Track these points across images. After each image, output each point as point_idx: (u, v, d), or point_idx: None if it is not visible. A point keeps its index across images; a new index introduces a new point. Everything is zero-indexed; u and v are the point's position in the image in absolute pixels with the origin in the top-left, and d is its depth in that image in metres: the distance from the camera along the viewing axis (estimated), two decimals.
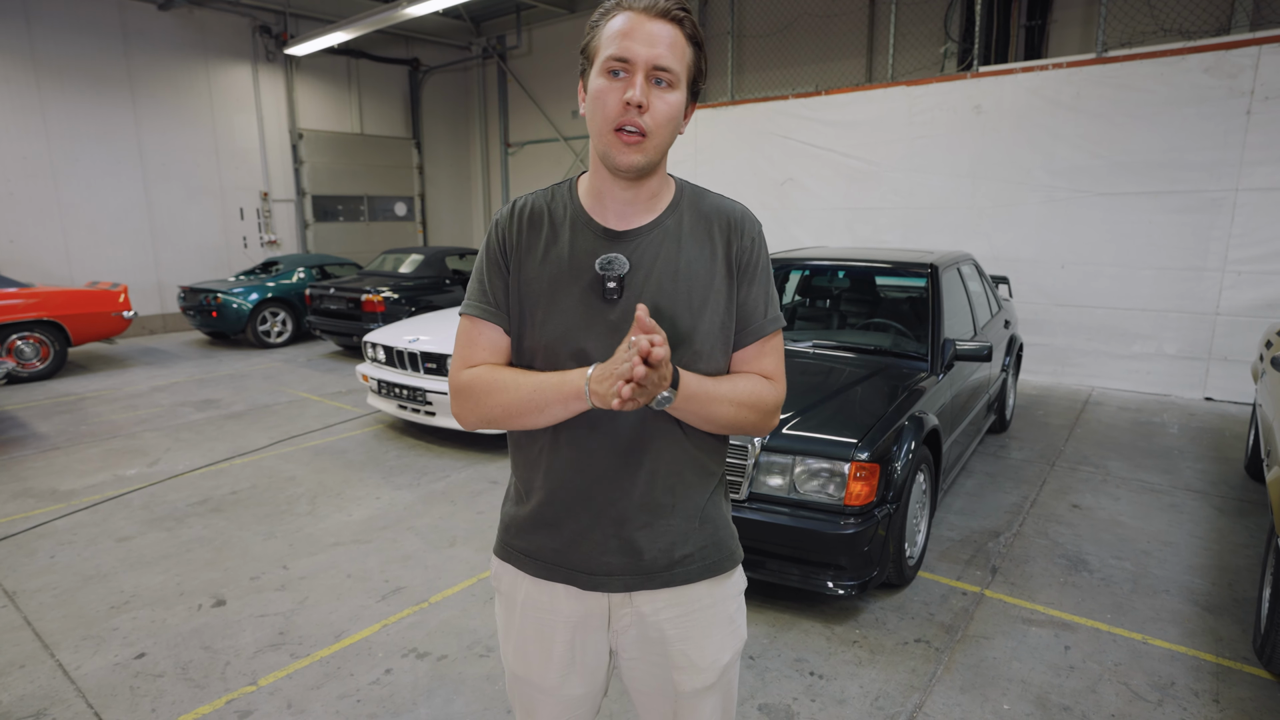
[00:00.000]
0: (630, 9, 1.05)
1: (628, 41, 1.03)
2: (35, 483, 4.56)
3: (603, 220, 1.15)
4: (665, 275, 1.13)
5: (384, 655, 2.74)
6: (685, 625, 1.21)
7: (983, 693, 2.49)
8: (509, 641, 1.27)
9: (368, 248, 12.90)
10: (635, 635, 1.22)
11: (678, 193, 1.19)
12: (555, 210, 1.18)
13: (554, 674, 1.22)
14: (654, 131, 1.06)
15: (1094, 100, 6.42)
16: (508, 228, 1.18)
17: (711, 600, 1.23)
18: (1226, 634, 2.82)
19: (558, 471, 1.17)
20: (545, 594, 1.22)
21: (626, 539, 1.17)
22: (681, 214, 1.17)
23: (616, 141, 1.06)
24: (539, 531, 1.20)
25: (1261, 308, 5.96)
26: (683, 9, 1.06)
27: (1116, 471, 4.56)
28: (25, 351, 7.33)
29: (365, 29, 9.88)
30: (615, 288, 1.11)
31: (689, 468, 1.18)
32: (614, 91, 1.05)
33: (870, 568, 2.84)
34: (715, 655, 1.23)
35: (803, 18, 9.25)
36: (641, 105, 1.03)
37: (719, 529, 1.25)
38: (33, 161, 9.35)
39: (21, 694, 2.53)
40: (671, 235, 1.15)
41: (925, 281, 4.06)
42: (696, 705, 1.24)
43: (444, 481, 4.53)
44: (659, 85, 1.05)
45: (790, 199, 8.46)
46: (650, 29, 1.03)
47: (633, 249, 1.14)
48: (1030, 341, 7.01)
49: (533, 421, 1.11)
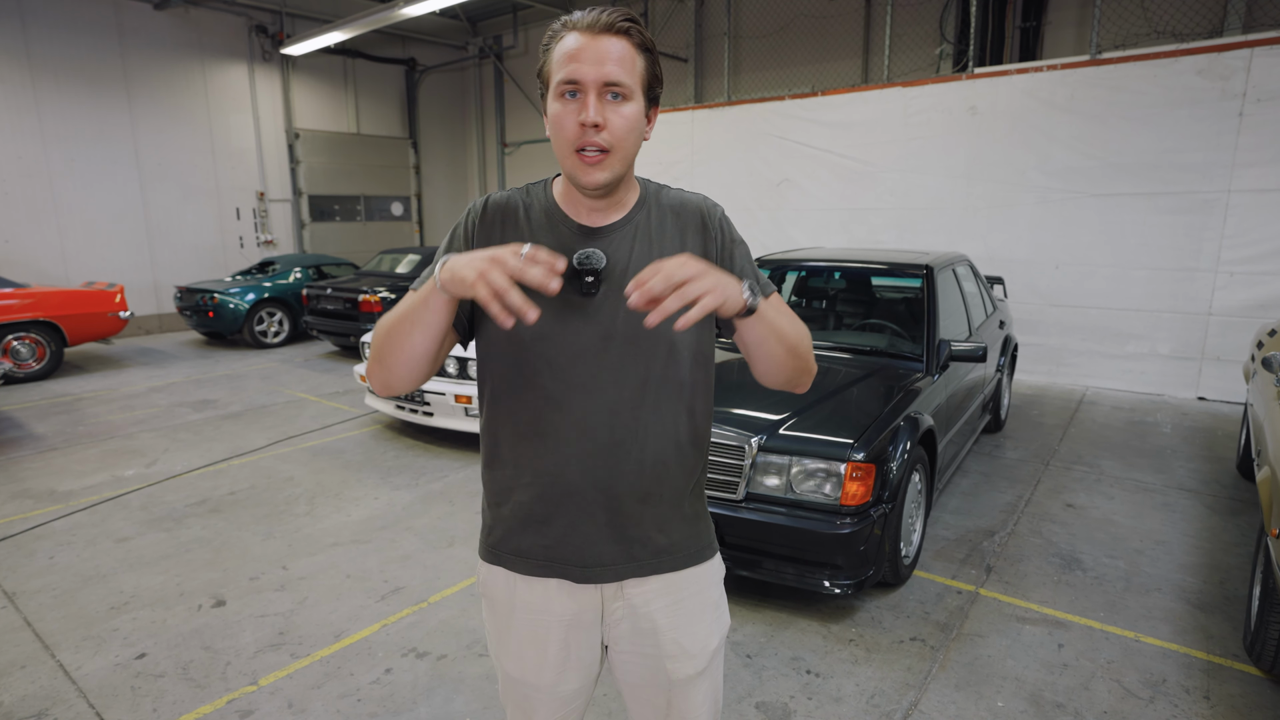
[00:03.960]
0: (575, 28, 1.06)
1: (575, 64, 1.04)
2: (33, 484, 4.56)
3: (576, 217, 1.17)
4: (640, 268, 1.13)
5: (384, 655, 2.76)
6: (675, 614, 1.24)
7: (977, 690, 2.52)
8: (503, 645, 1.28)
9: (364, 248, 12.89)
10: (628, 628, 1.24)
11: (643, 191, 1.22)
12: (531, 205, 1.20)
13: (550, 672, 1.25)
14: (616, 146, 1.07)
15: (1088, 102, 6.46)
16: (479, 218, 1.19)
17: (698, 587, 1.27)
18: (1217, 631, 2.85)
19: (544, 468, 1.18)
20: (538, 594, 1.23)
21: (617, 528, 1.19)
22: (649, 210, 1.20)
23: (579, 163, 1.07)
24: (528, 530, 1.21)
25: (1253, 308, 6.01)
26: (628, 19, 1.07)
27: (1110, 471, 4.60)
28: (21, 352, 7.32)
29: (362, 29, 9.87)
30: (592, 282, 1.12)
31: (674, 458, 1.20)
32: (570, 114, 1.06)
33: (866, 567, 2.86)
34: (705, 640, 1.27)
35: (799, 19, 9.27)
36: (598, 124, 1.05)
37: (700, 519, 1.29)
38: (28, 162, 9.32)
39: (23, 694, 2.54)
40: (643, 230, 1.18)
41: (920, 282, 4.09)
42: (688, 692, 1.27)
43: (442, 481, 4.55)
44: (614, 100, 1.06)
45: (786, 200, 8.48)
46: (598, 46, 1.04)
47: (607, 244, 1.16)
48: (1025, 341, 7.05)
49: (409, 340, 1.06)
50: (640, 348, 1.15)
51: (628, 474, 1.17)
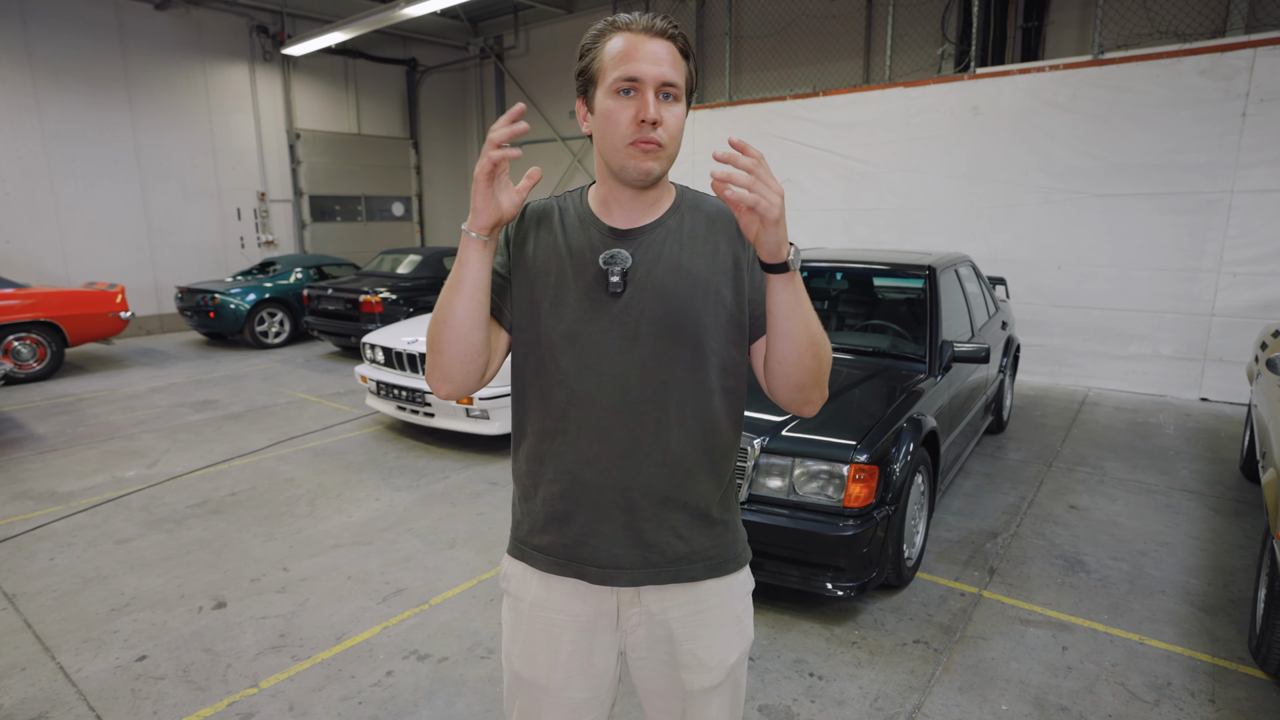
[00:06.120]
0: (628, 30, 1.10)
1: (635, 63, 1.08)
2: (34, 484, 4.56)
3: (609, 221, 1.21)
4: (668, 270, 1.17)
5: (385, 657, 2.75)
6: (693, 625, 1.22)
7: (981, 693, 2.51)
8: (515, 643, 1.28)
9: (365, 248, 12.89)
10: (644, 634, 1.24)
11: (678, 196, 1.24)
12: (566, 210, 1.24)
13: (559, 675, 1.23)
14: (668, 143, 1.12)
15: (1090, 102, 6.45)
16: (518, 221, 1.24)
17: (719, 600, 1.24)
18: (1222, 634, 2.84)
19: (567, 465, 1.19)
20: (555, 592, 1.23)
21: (635, 531, 1.18)
22: (683, 215, 1.22)
23: (635, 152, 1.10)
24: (550, 527, 1.22)
25: (1256, 309, 6.00)
26: (674, 26, 1.12)
27: (1113, 472, 4.58)
28: (22, 352, 7.32)
29: (363, 29, 9.87)
30: (618, 282, 1.15)
31: (698, 465, 1.20)
32: (626, 109, 1.09)
33: (869, 569, 2.85)
34: (723, 654, 1.25)
35: (800, 19, 9.26)
36: (657, 121, 1.08)
37: (728, 530, 1.26)
38: (29, 162, 9.32)
39: (23, 697, 2.54)
40: (674, 233, 1.20)
41: (923, 283, 4.08)
42: (704, 704, 1.26)
43: (443, 483, 4.54)
44: (666, 99, 1.11)
45: (788, 200, 8.41)
46: (652, 48, 1.09)
47: (636, 245, 1.18)
48: (1027, 342, 7.04)
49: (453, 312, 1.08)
50: (666, 351, 1.16)
51: (647, 476, 1.17)
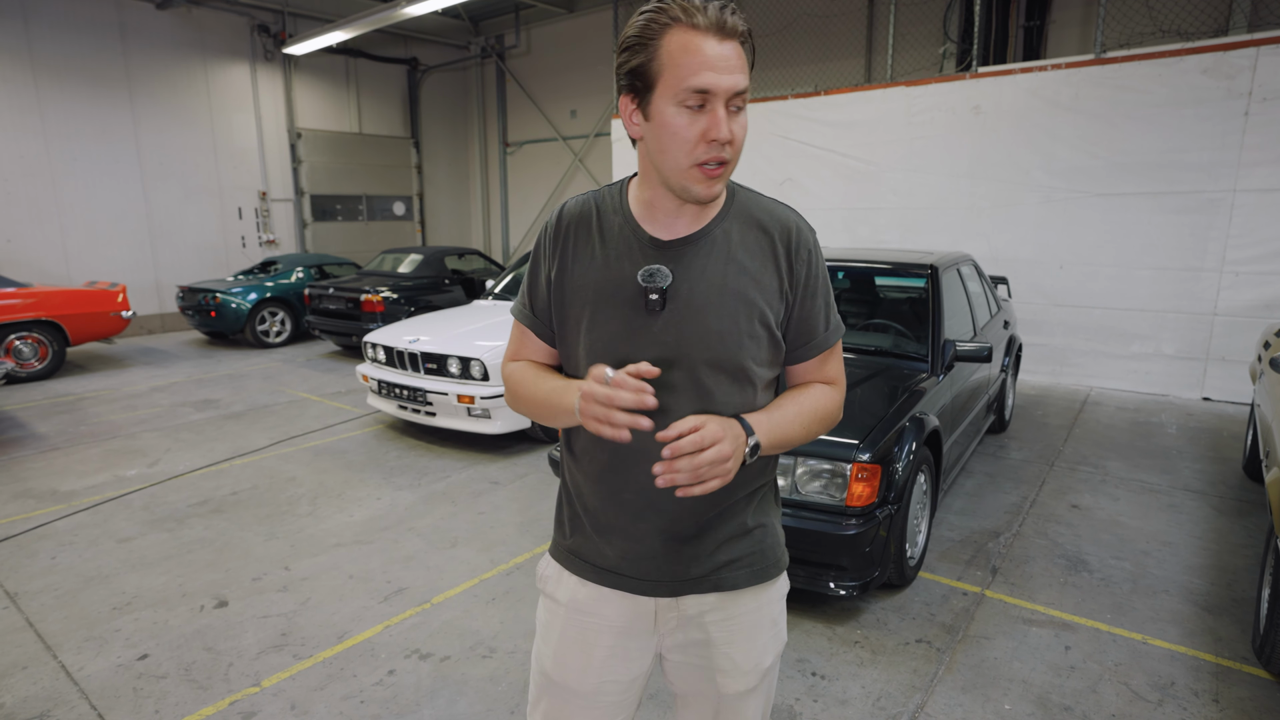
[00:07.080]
0: (691, 26, 0.97)
1: (710, 73, 0.97)
2: (35, 483, 4.56)
3: (650, 229, 1.13)
4: (711, 289, 1.10)
5: (387, 656, 2.75)
6: (730, 629, 1.21)
7: (984, 693, 2.50)
8: (547, 644, 1.26)
9: (366, 247, 12.89)
10: (681, 638, 1.22)
11: (728, 198, 1.15)
12: (605, 214, 1.17)
13: (591, 679, 1.22)
14: (734, 158, 1.04)
15: (1092, 101, 6.44)
16: (554, 231, 1.19)
17: (756, 605, 1.23)
18: (1226, 634, 2.83)
19: (607, 484, 1.18)
20: (593, 596, 1.22)
21: (674, 548, 1.17)
22: (730, 223, 1.14)
23: (699, 175, 1.03)
24: (590, 538, 1.22)
25: (1259, 308, 5.98)
26: (743, 21, 1.00)
27: (1115, 471, 4.58)
28: (24, 351, 7.32)
29: (364, 28, 9.87)
30: (657, 300, 1.09)
31: (738, 482, 1.17)
32: (694, 125, 1.00)
33: (871, 568, 2.85)
34: (759, 659, 1.23)
35: (802, 18, 9.25)
36: (731, 141, 1.00)
37: (767, 535, 1.24)
38: (31, 161, 9.33)
39: (25, 696, 2.53)
40: (720, 246, 1.12)
41: (925, 282, 4.07)
42: (739, 707, 1.25)
43: (445, 482, 4.54)
44: (734, 111, 1.02)
45: (789, 199, 8.45)
46: (724, 52, 0.98)
47: (677, 260, 1.11)
48: (1029, 342, 7.03)
49: (555, 423, 1.16)
50: (707, 372, 1.12)
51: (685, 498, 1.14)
